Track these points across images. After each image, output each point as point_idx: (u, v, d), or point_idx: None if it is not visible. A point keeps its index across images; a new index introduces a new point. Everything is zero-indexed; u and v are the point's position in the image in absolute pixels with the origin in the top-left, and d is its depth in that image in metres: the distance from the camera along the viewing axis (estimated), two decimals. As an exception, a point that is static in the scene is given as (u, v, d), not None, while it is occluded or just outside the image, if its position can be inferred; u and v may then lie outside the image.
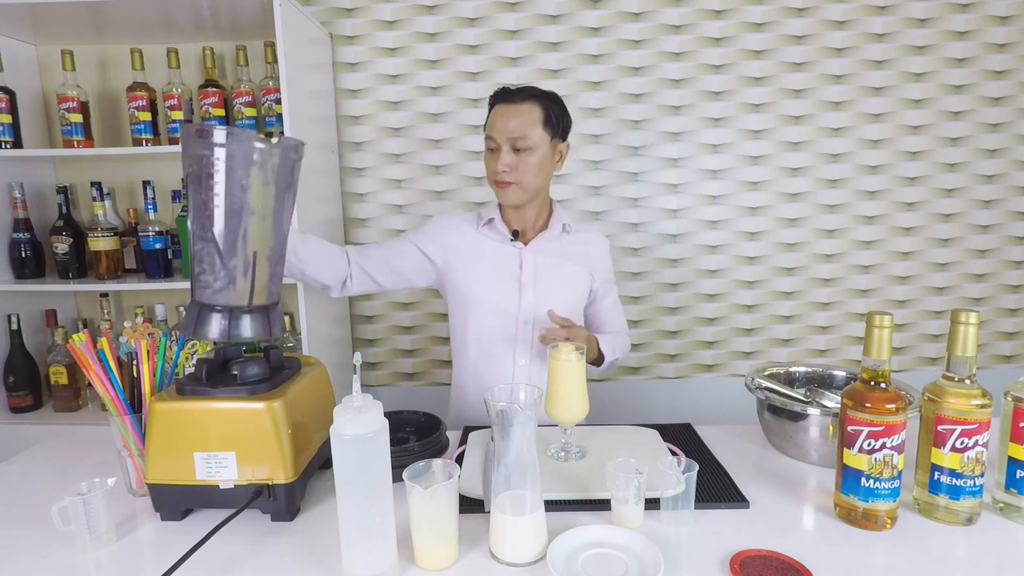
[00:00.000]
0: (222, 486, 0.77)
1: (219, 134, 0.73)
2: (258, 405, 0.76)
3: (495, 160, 1.20)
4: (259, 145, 0.74)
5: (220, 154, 0.73)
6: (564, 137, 1.25)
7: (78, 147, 1.65)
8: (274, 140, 0.76)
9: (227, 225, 0.76)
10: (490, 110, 1.24)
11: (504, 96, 1.21)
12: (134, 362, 0.86)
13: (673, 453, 0.95)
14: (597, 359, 1.25)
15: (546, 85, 1.83)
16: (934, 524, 0.77)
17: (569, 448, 0.95)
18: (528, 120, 1.18)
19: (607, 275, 1.35)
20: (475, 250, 1.28)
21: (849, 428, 0.76)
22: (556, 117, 1.21)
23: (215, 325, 0.77)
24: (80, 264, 1.74)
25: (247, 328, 0.79)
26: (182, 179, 0.78)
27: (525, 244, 1.27)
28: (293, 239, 1.16)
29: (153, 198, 1.70)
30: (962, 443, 0.75)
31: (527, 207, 1.26)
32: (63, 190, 1.72)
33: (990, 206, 1.92)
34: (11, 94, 1.63)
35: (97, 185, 1.69)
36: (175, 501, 0.79)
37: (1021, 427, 0.77)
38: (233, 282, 0.77)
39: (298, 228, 1.23)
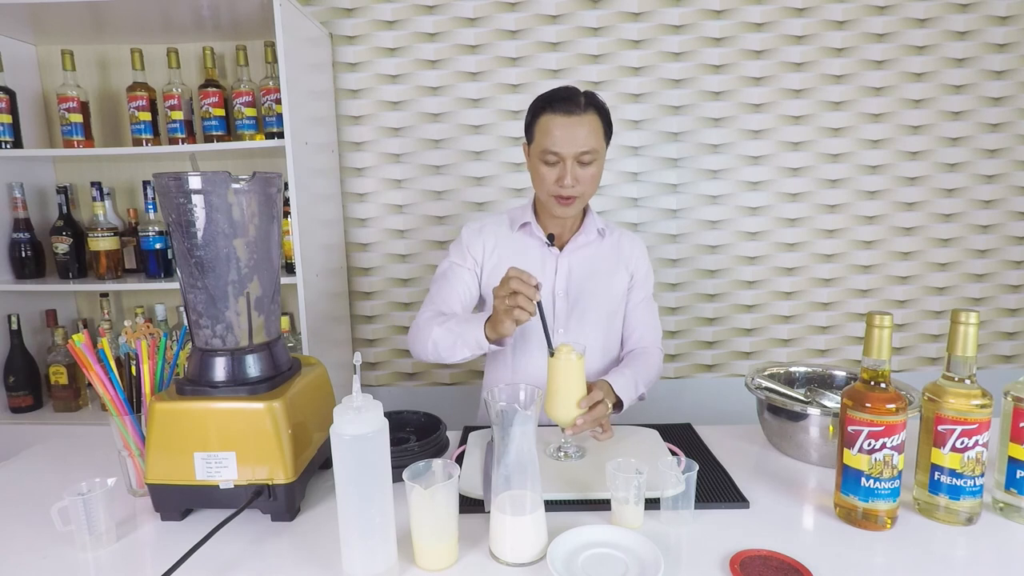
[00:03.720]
0: (222, 486, 0.77)
1: (194, 180, 0.73)
2: (258, 405, 0.76)
3: (555, 174, 1.12)
4: (235, 185, 0.74)
5: (198, 200, 0.73)
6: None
7: (78, 147, 1.65)
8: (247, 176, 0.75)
9: (216, 271, 0.76)
10: (536, 115, 1.14)
11: (566, 105, 1.10)
12: (134, 362, 0.86)
13: (673, 453, 0.95)
14: (616, 404, 1.10)
15: (546, 85, 1.84)
16: (934, 524, 0.77)
17: (569, 448, 0.95)
18: (593, 132, 1.11)
19: (641, 271, 1.29)
20: (512, 254, 1.24)
21: (849, 428, 0.76)
22: (610, 123, 1.16)
23: (220, 369, 0.78)
24: (80, 264, 1.74)
25: (252, 367, 0.79)
26: (167, 227, 0.78)
27: (560, 249, 1.24)
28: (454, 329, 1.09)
29: (153, 198, 1.70)
30: (962, 443, 0.75)
31: None
32: (63, 190, 1.72)
33: (990, 206, 1.92)
34: (11, 94, 1.64)
35: (97, 185, 1.69)
36: (175, 501, 0.79)
37: (1021, 427, 0.77)
38: (230, 327, 0.78)
39: (439, 327, 1.11)
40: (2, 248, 1.73)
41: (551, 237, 1.19)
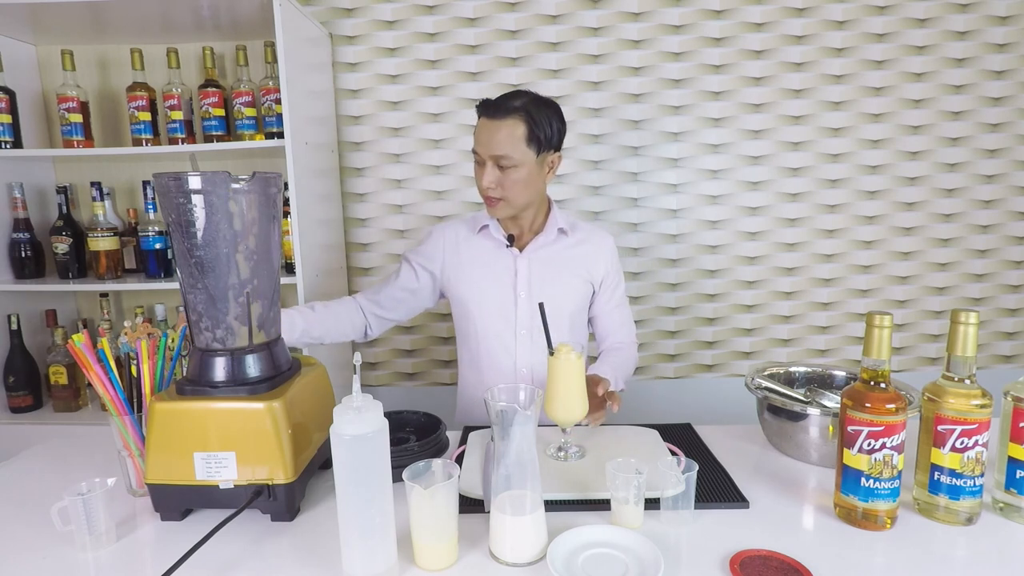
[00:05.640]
0: (222, 486, 0.77)
1: (194, 180, 0.73)
2: (258, 405, 0.76)
3: (482, 174, 1.16)
4: (235, 185, 0.74)
5: (197, 200, 0.73)
6: (556, 148, 1.19)
7: (78, 147, 1.65)
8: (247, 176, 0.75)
9: (216, 271, 0.76)
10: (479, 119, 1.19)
11: (487, 110, 1.15)
12: (134, 362, 0.86)
13: (673, 453, 0.95)
14: None
15: (546, 85, 1.86)
16: (934, 524, 0.77)
17: (569, 448, 0.95)
18: (510, 137, 1.12)
19: (610, 273, 1.30)
20: (471, 257, 1.27)
21: (849, 428, 0.76)
22: (543, 131, 1.14)
23: (220, 370, 0.78)
24: (80, 264, 1.74)
25: (252, 368, 0.79)
26: (166, 227, 0.78)
27: (521, 249, 1.25)
28: (304, 320, 1.16)
29: (153, 198, 1.70)
30: (962, 443, 0.75)
31: (521, 213, 1.24)
32: (63, 190, 1.72)
33: (990, 206, 1.92)
34: (11, 94, 1.64)
35: (97, 185, 1.69)
36: (175, 501, 0.79)
37: (1021, 427, 0.77)
38: (230, 328, 0.78)
39: (303, 305, 1.21)
40: (2, 248, 1.73)
41: (511, 238, 1.24)
